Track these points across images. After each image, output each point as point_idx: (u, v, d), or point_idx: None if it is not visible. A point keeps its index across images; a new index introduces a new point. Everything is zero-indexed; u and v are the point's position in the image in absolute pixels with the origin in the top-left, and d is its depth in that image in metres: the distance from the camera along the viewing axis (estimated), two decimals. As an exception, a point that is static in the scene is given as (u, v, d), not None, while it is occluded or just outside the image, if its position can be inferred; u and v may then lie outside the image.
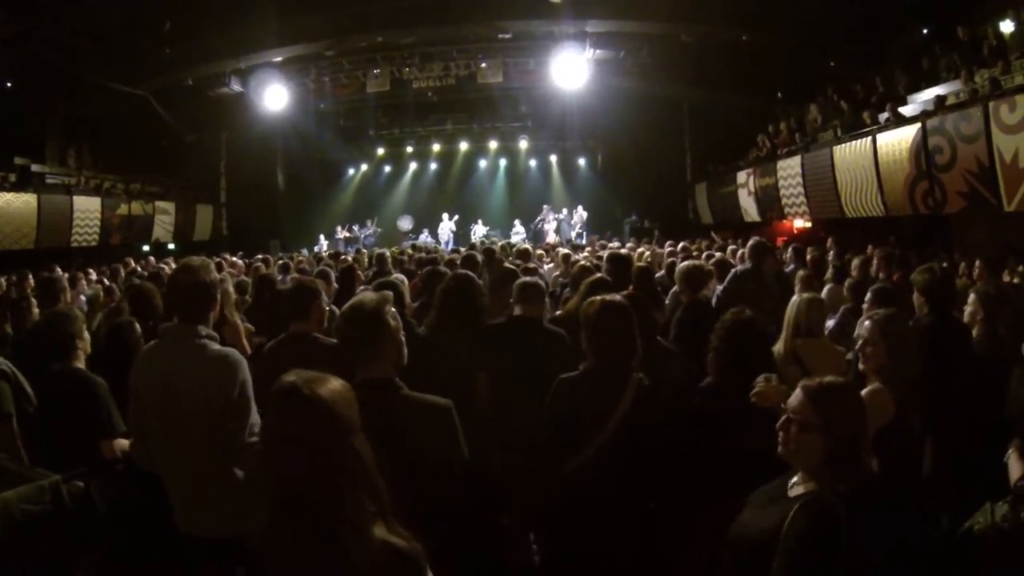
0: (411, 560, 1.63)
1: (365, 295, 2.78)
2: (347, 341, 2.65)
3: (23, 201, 15.85)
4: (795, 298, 4.12)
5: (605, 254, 7.41)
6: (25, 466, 3.14)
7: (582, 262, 6.96)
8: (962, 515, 2.59)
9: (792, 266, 8.01)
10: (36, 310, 5.46)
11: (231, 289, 5.17)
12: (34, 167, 17.39)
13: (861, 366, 3.12)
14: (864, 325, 3.13)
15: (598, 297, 3.25)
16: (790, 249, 7.63)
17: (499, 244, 13.32)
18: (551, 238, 21.24)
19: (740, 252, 9.18)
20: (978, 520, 2.29)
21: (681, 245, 11.86)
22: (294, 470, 1.58)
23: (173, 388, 2.72)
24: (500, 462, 3.42)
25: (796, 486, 2.19)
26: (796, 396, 2.19)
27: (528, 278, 4.47)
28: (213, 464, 2.69)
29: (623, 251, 7.86)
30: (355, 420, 1.67)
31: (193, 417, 2.67)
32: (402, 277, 6.08)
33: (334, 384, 1.68)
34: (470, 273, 4.52)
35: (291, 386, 1.64)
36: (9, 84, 17.06)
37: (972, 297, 4.19)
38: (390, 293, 2.89)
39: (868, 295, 4.73)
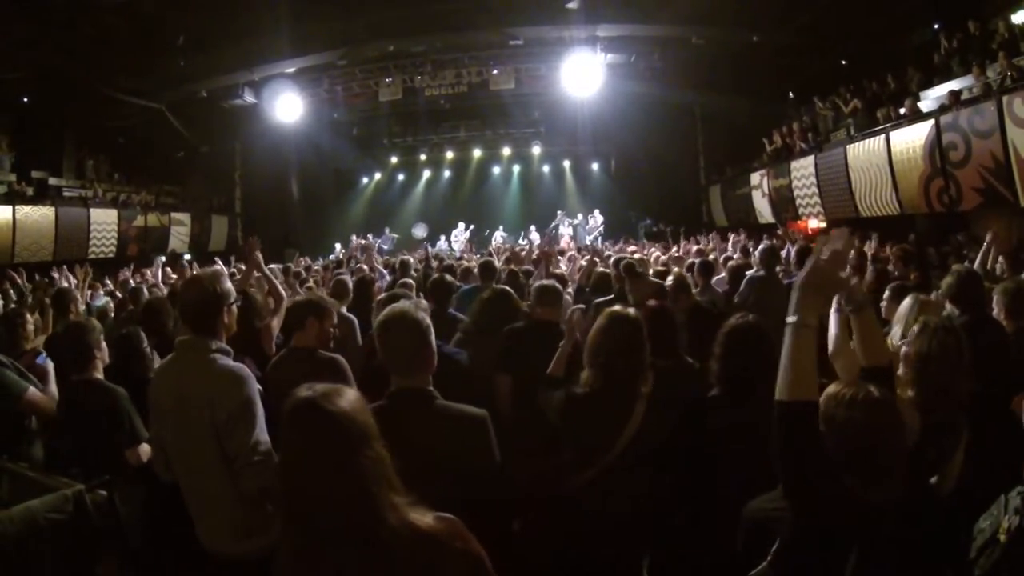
0: (459, 525, 1.66)
1: (404, 304, 2.71)
2: (392, 350, 2.58)
3: (41, 214, 16.10)
4: (908, 299, 4.01)
5: (613, 260, 7.34)
6: (48, 474, 3.16)
7: (602, 268, 6.96)
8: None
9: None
10: (31, 327, 5.40)
11: (259, 298, 5.14)
12: (51, 180, 17.72)
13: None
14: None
15: (610, 309, 3.12)
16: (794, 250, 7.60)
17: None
18: (565, 243, 21.17)
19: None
20: (992, 514, 2.22)
21: (696, 249, 11.80)
22: (323, 482, 1.56)
23: (184, 402, 2.70)
24: (521, 467, 3.39)
25: None
26: None
27: (546, 281, 4.56)
28: (222, 480, 2.66)
29: (636, 257, 7.76)
30: (373, 426, 1.66)
31: (201, 432, 2.64)
32: (410, 282, 6.13)
33: (349, 394, 1.68)
34: (508, 289, 4.67)
35: (308, 400, 1.63)
36: (26, 99, 17.31)
37: (996, 297, 4.12)
38: (425, 302, 2.88)
39: (886, 293, 4.71)
